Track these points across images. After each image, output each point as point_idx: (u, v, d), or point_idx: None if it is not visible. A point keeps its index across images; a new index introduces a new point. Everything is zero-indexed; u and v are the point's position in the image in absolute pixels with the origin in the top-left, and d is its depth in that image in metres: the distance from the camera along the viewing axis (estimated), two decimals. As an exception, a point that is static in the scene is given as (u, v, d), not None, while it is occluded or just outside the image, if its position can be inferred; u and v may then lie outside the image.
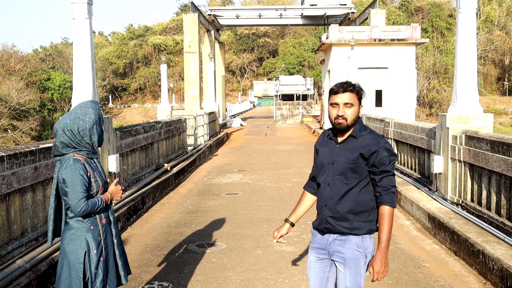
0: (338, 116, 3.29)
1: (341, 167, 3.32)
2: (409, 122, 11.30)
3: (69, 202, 3.48)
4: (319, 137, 3.63)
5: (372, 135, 3.34)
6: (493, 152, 6.70)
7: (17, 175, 5.59)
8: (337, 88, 3.31)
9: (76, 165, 3.51)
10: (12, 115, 53.21)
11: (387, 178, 3.30)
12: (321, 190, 3.43)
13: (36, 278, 5.29)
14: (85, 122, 3.60)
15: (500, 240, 6.13)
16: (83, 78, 8.28)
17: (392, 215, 3.30)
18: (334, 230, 3.35)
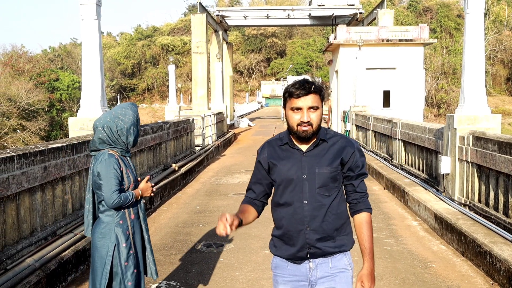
0: (302, 122, 2.81)
1: (321, 178, 2.86)
2: (416, 122, 11.29)
3: (103, 194, 3.72)
4: (264, 149, 3.03)
5: (342, 137, 2.98)
6: (501, 153, 6.69)
7: (26, 174, 5.65)
8: (297, 89, 2.80)
9: (111, 160, 3.76)
10: (21, 115, 53.49)
11: (363, 182, 2.99)
12: (291, 210, 2.87)
13: (45, 276, 5.35)
14: (123, 122, 3.86)
15: (507, 241, 6.13)
16: (91, 78, 8.36)
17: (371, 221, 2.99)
18: (320, 253, 2.87)
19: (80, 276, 6.09)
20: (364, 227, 2.92)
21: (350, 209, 3.01)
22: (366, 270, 2.88)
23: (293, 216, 2.88)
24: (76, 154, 7.09)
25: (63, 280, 5.78)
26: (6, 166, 5.26)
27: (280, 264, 2.98)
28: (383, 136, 14.30)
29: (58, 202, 6.64)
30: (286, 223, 2.90)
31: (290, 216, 2.88)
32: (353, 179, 2.95)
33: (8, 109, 51.04)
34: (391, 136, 13.00)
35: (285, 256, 2.94)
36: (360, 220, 2.94)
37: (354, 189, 2.96)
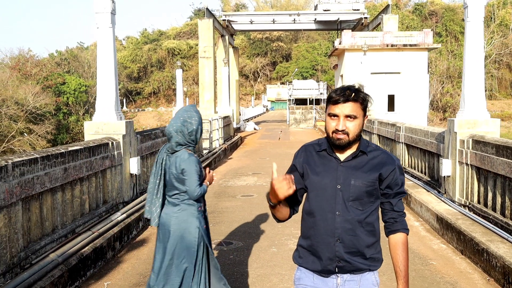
0: (337, 130, 2.71)
1: (356, 191, 2.74)
2: (419, 126, 11.61)
3: (187, 188, 4.36)
4: (300, 153, 2.95)
5: (383, 152, 2.87)
6: (498, 156, 7.01)
7: (49, 175, 6.02)
8: (337, 96, 2.71)
9: (192, 158, 4.41)
10: (28, 119, 53.86)
11: (401, 201, 2.87)
12: (322, 220, 2.77)
13: (67, 271, 5.70)
14: (192, 124, 4.45)
15: (504, 239, 6.45)
16: (106, 84, 8.72)
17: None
18: (349, 268, 2.75)
19: (98, 272, 6.44)
20: (400, 249, 2.81)
21: (386, 228, 2.89)
22: None
23: (323, 227, 2.76)
24: (93, 156, 7.46)
25: (83, 275, 6.14)
26: (31, 167, 5.62)
27: (305, 276, 2.85)
28: (387, 140, 14.61)
29: (77, 202, 7.00)
30: (315, 233, 2.79)
31: (320, 226, 2.77)
32: (391, 197, 2.83)
33: (15, 112, 51.42)
34: (394, 139, 13.32)
35: (312, 268, 2.81)
36: (396, 240, 2.83)
37: (391, 208, 2.85)
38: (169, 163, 4.45)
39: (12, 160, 5.26)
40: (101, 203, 7.91)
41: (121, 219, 7.87)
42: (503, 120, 65.52)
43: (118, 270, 6.54)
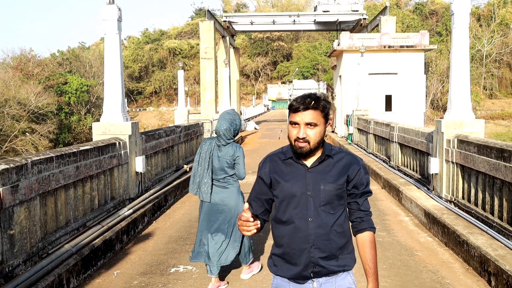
0: (298, 138, 2.75)
1: (326, 196, 2.78)
2: (411, 126, 12.12)
3: (239, 170, 5.82)
4: (265, 163, 2.97)
5: (347, 153, 2.92)
6: (479, 154, 7.53)
7: (63, 173, 6.54)
8: (297, 104, 2.75)
9: (241, 148, 5.89)
10: (30, 118, 54.19)
11: (367, 200, 2.93)
12: (295, 228, 2.79)
13: (81, 260, 6.23)
14: (237, 124, 5.94)
15: (483, 231, 6.96)
16: (113, 87, 9.23)
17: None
18: (324, 272, 2.80)
19: (107, 262, 6.96)
20: (368, 247, 2.86)
21: (353, 227, 2.94)
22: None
23: (296, 234, 2.79)
24: (102, 155, 7.98)
25: (94, 264, 6.66)
26: (47, 165, 6.14)
27: (281, 284, 2.88)
28: (382, 139, 15.13)
29: (87, 198, 7.52)
30: (289, 241, 2.81)
31: (293, 234, 2.80)
32: (358, 197, 2.89)
33: (18, 112, 51.77)
34: (389, 139, 13.83)
35: (288, 276, 2.84)
36: (363, 239, 2.88)
37: (358, 207, 2.90)
38: (220, 153, 5.81)
39: (31, 158, 5.79)
40: (109, 199, 8.43)
41: (128, 214, 8.39)
42: (503, 119, 65.83)
43: (126, 260, 7.07)
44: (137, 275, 6.41)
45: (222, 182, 5.86)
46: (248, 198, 3.03)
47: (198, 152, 5.95)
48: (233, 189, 5.88)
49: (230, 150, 5.80)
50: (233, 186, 5.89)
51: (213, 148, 5.86)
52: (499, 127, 63.86)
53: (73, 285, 5.97)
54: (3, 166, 5.18)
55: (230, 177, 5.85)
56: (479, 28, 78.36)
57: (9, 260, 5.20)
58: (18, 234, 5.39)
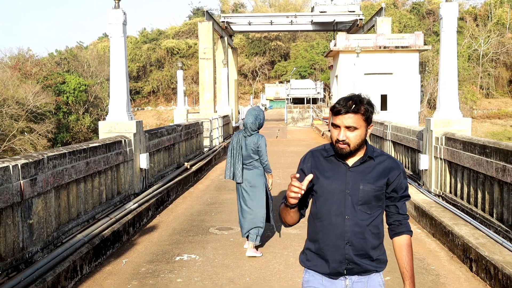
0: (338, 140, 2.80)
1: (364, 195, 2.83)
2: (403, 125, 12.62)
3: (261, 156, 7.17)
4: (308, 158, 3.01)
5: (389, 157, 2.96)
6: (465, 151, 8.02)
7: (75, 168, 7.00)
8: (339, 106, 2.78)
9: (264, 138, 7.20)
10: (29, 118, 54.34)
11: (405, 204, 2.98)
12: (331, 224, 2.85)
13: (92, 249, 6.69)
14: (261, 118, 7.26)
15: (467, 223, 7.45)
16: (118, 88, 9.70)
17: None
18: (358, 270, 2.85)
19: (116, 252, 7.43)
20: (405, 250, 2.92)
21: (391, 230, 2.98)
22: None
23: (332, 231, 2.84)
24: (109, 152, 8.45)
25: (104, 253, 7.12)
26: (61, 160, 6.61)
27: (313, 278, 2.93)
28: (377, 138, 15.61)
29: (96, 192, 7.99)
30: (324, 236, 2.86)
31: (329, 230, 2.85)
32: (397, 200, 2.92)
33: (16, 111, 51.95)
34: (382, 137, 14.32)
35: (321, 271, 2.90)
36: (401, 242, 2.93)
37: (397, 211, 2.94)
38: (247, 142, 7.16)
39: (47, 154, 6.25)
40: (115, 193, 8.89)
41: (134, 208, 8.86)
42: (499, 119, 66.32)
43: (133, 250, 7.53)
44: (144, 263, 6.88)
45: (249, 165, 7.20)
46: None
47: (230, 144, 7.32)
48: (258, 171, 7.22)
49: (254, 139, 7.15)
50: (257, 169, 7.23)
51: (241, 139, 7.23)
52: (496, 126, 64.34)
53: (86, 272, 6.43)
54: (23, 161, 5.64)
55: (255, 161, 7.21)
56: (475, 27, 78.80)
57: (28, 247, 5.67)
58: (36, 224, 5.86)
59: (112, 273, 6.53)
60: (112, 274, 6.49)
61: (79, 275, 6.23)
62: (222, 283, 6.05)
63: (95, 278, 6.33)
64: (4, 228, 5.27)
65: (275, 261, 6.86)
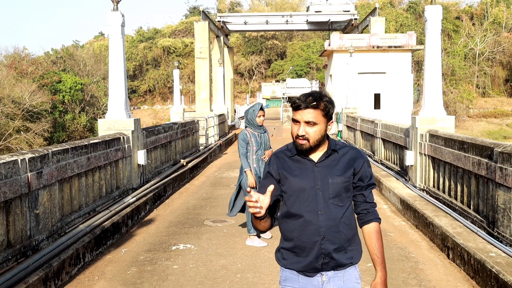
0: (298, 136, 2.83)
1: (335, 188, 2.86)
2: (392, 123, 13.06)
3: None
4: (273, 160, 3.02)
5: (351, 147, 3.02)
6: (446, 147, 8.47)
7: (77, 163, 7.42)
8: (299, 102, 2.82)
9: (241, 133, 7.56)
10: (25, 117, 54.33)
11: (371, 192, 3.03)
12: (305, 221, 2.85)
13: (94, 238, 7.11)
14: (247, 113, 7.54)
15: (447, 214, 7.90)
16: (117, 87, 10.11)
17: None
18: (334, 264, 2.87)
19: (115, 242, 7.85)
20: (375, 237, 2.96)
21: (359, 219, 3.02)
22: (380, 279, 2.93)
23: (307, 227, 2.85)
24: (108, 148, 8.87)
25: (104, 243, 7.54)
26: (64, 155, 7.03)
27: (290, 276, 2.95)
28: (368, 135, 16.07)
29: (96, 186, 8.41)
30: (299, 234, 2.88)
31: (304, 227, 2.86)
32: (363, 189, 2.96)
33: (12, 110, 51.99)
34: (373, 135, 14.76)
35: (297, 269, 2.92)
36: (370, 230, 2.97)
37: (364, 199, 2.98)
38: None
39: (52, 149, 6.67)
40: (114, 188, 9.31)
41: (132, 202, 9.28)
42: (495, 118, 66.71)
43: (131, 241, 7.96)
44: (142, 252, 7.30)
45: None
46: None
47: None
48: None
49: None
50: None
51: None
52: (492, 125, 64.69)
53: (88, 259, 6.86)
54: (30, 155, 6.06)
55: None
56: (472, 26, 79.13)
57: (35, 235, 6.09)
58: (42, 214, 6.28)
59: (112, 261, 6.95)
60: (112, 262, 6.92)
61: (81, 262, 6.65)
62: (215, 269, 6.48)
63: (97, 265, 6.75)
64: (13, 217, 5.69)
65: (265, 250, 7.29)
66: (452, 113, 61.15)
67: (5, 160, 5.53)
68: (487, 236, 6.52)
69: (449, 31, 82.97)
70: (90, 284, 6.06)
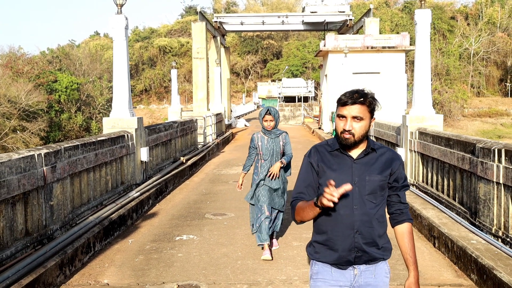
0: (344, 130, 2.92)
1: (371, 186, 2.97)
2: (384, 121, 13.57)
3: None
4: (314, 152, 3.12)
5: (388, 149, 3.12)
6: (434, 144, 8.97)
7: (86, 158, 7.89)
8: (346, 98, 2.93)
9: (253, 135, 7.18)
10: (21, 116, 54.34)
11: (405, 193, 3.14)
12: (340, 215, 2.95)
13: (103, 229, 7.58)
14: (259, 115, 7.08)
15: (434, 207, 8.41)
16: (121, 86, 10.56)
17: None
18: (366, 258, 2.98)
19: (122, 233, 8.31)
20: (407, 237, 3.08)
21: (393, 219, 3.12)
22: (413, 278, 3.03)
23: (341, 221, 2.94)
24: (114, 145, 9.33)
25: (112, 234, 8.01)
26: (75, 151, 7.49)
27: (323, 269, 3.04)
28: (362, 134, 16.56)
29: (103, 181, 8.88)
30: (333, 228, 2.97)
31: (338, 221, 2.95)
32: (398, 190, 3.07)
33: (8, 110, 52.09)
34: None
35: (331, 262, 3.00)
36: (403, 230, 3.10)
37: (399, 200, 3.08)
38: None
39: (63, 146, 7.13)
40: (119, 183, 9.78)
41: (136, 196, 9.75)
42: (490, 117, 67.21)
43: (137, 232, 8.42)
44: (148, 242, 7.77)
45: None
46: (298, 187, 3.13)
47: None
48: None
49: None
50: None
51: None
52: (486, 125, 65.14)
53: (97, 248, 7.32)
54: (45, 150, 6.52)
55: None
56: (467, 26, 79.54)
57: (50, 225, 6.56)
58: (56, 206, 6.75)
59: (120, 250, 7.42)
60: (120, 251, 7.38)
61: (92, 250, 7.12)
62: (217, 257, 6.96)
63: (106, 254, 7.22)
64: (31, 208, 6.16)
65: (264, 240, 7.77)
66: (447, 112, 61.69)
67: (24, 155, 5.99)
68: (469, 225, 7.02)
69: (444, 31, 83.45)
70: (101, 270, 6.52)
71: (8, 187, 5.56)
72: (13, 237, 5.80)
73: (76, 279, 6.23)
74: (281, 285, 5.93)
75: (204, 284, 5.97)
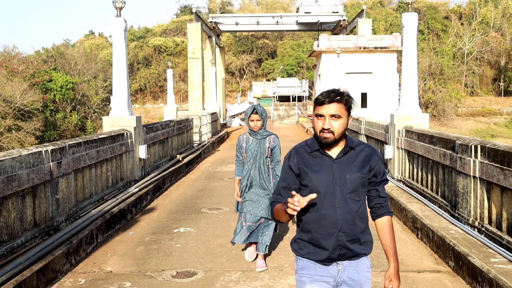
0: (323, 129, 2.97)
1: (352, 184, 3.03)
2: (374, 120, 14.04)
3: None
4: (293, 155, 3.17)
5: (366, 145, 3.18)
6: (419, 141, 9.44)
7: (88, 155, 8.31)
8: (322, 97, 2.99)
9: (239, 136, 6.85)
10: (16, 116, 54.37)
11: (384, 187, 3.21)
12: (323, 214, 3.01)
13: (104, 222, 8.01)
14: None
15: (419, 201, 8.88)
16: (120, 86, 10.99)
17: None
18: (349, 254, 3.06)
19: (122, 227, 8.74)
20: (387, 230, 3.14)
21: (373, 213, 3.18)
22: (393, 269, 3.13)
23: (325, 220, 3.01)
24: (114, 143, 9.76)
25: (113, 227, 8.43)
26: (78, 148, 7.92)
27: (307, 265, 3.13)
28: (353, 132, 17.01)
29: (104, 177, 9.30)
30: (316, 227, 3.04)
31: (321, 220, 3.01)
32: (377, 184, 3.14)
33: (3, 109, 52.17)
34: (357, 132, 15.73)
35: (315, 259, 3.09)
36: (383, 223, 3.15)
37: (378, 194, 3.15)
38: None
39: (68, 143, 7.56)
40: (119, 179, 10.21)
41: (135, 192, 10.17)
42: (483, 116, 67.73)
43: (137, 225, 8.86)
44: (147, 234, 8.21)
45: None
46: (277, 188, 3.20)
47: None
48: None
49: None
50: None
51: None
52: (480, 124, 65.66)
53: (100, 240, 7.75)
54: (51, 147, 6.95)
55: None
56: (460, 26, 79.99)
57: (56, 217, 6.99)
58: (61, 199, 7.18)
59: (121, 241, 7.85)
60: (121, 242, 7.82)
61: (95, 242, 7.55)
62: (213, 247, 7.41)
63: (108, 245, 7.65)
64: (39, 201, 6.59)
65: (257, 232, 8.22)
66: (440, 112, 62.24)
67: (32, 151, 6.42)
68: (449, 217, 7.49)
69: (438, 30, 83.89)
70: (104, 260, 6.96)
71: (18, 181, 5.99)
72: (23, 228, 6.23)
73: (81, 267, 6.66)
74: (273, 271, 6.39)
75: (201, 271, 6.41)
